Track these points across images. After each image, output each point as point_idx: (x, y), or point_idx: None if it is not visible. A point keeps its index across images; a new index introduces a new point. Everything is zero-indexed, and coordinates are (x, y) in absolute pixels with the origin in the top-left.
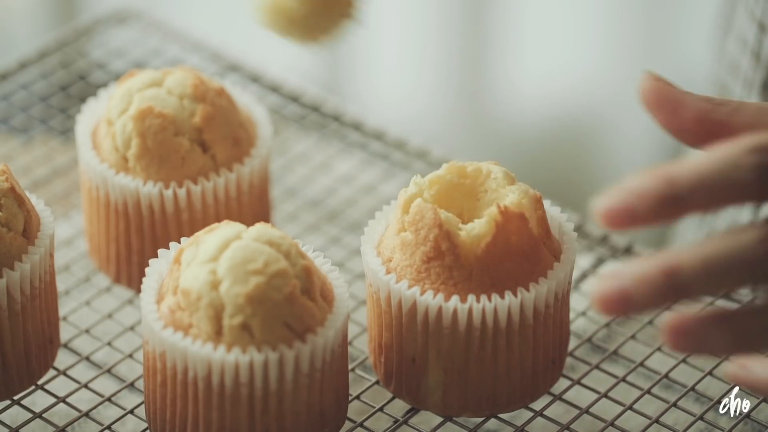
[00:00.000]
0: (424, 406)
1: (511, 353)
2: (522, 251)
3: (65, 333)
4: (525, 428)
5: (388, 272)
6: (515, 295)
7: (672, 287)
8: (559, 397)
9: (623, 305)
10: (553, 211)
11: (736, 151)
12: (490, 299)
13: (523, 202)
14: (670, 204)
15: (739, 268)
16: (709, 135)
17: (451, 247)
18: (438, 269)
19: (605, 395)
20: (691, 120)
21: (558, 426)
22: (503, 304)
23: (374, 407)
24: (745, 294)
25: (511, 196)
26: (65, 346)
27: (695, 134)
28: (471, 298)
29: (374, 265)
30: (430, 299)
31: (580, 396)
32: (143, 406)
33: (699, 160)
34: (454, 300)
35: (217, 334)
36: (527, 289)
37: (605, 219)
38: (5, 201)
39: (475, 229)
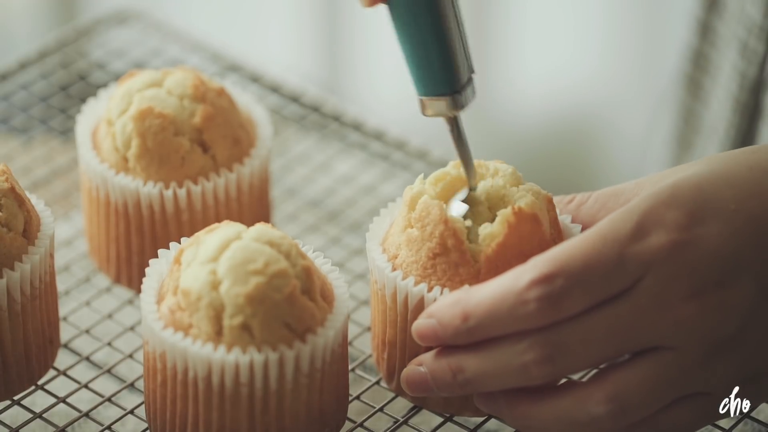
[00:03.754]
0: (425, 405)
1: None
2: (533, 253)
3: (65, 333)
4: None
5: (393, 269)
6: None
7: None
8: None
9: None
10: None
11: (520, 286)
12: None
13: (538, 204)
14: (466, 334)
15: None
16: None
17: (457, 243)
18: (444, 266)
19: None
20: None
21: None
22: None
23: (374, 407)
24: None
25: (527, 197)
26: (65, 346)
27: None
28: None
29: (380, 261)
30: (438, 296)
31: None
32: (143, 406)
33: (490, 295)
34: None
35: (217, 334)
36: None
37: (418, 338)
38: (5, 201)
39: (488, 229)
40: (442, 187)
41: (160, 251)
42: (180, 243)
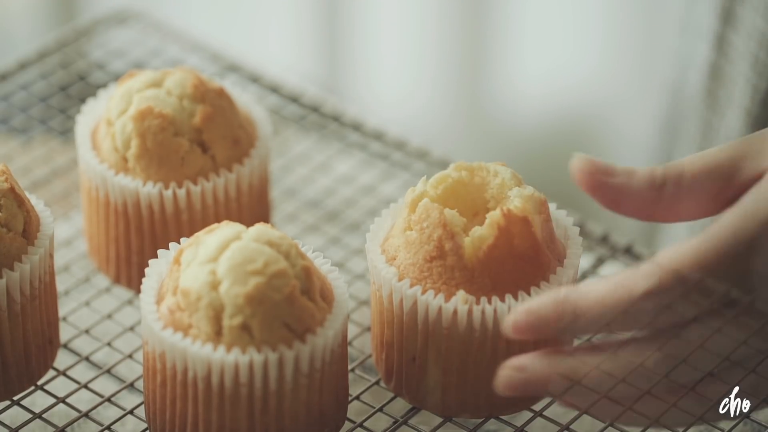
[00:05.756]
0: (423, 406)
1: (510, 356)
2: (524, 255)
3: (65, 333)
4: (525, 428)
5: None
6: (515, 298)
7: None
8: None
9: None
10: (558, 214)
11: (634, 296)
12: (490, 302)
13: (528, 206)
14: (571, 333)
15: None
16: (653, 217)
17: (455, 247)
18: (440, 269)
19: (605, 395)
20: (634, 212)
21: (558, 426)
22: (503, 307)
23: (374, 407)
24: None
25: (516, 200)
26: (65, 346)
27: (641, 216)
28: (471, 299)
29: (378, 262)
30: (431, 299)
31: None
32: (143, 406)
33: (603, 298)
34: (454, 300)
35: (217, 334)
36: (528, 293)
37: (513, 332)
38: (5, 201)
39: (478, 232)
40: (443, 190)
41: (159, 251)
42: (180, 243)
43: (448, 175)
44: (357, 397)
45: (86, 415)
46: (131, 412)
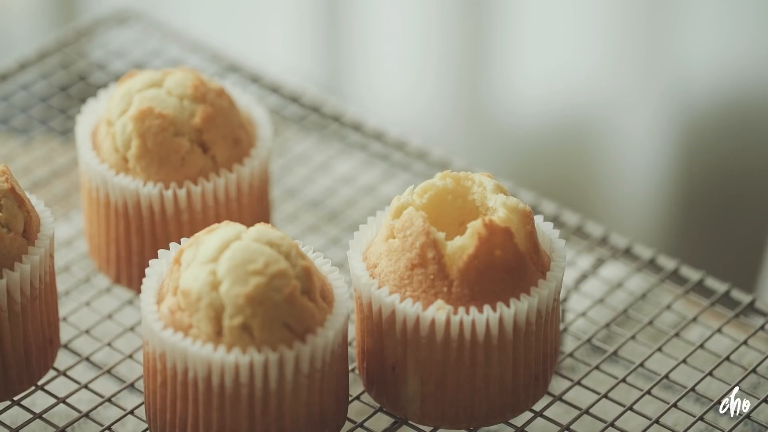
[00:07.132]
0: (403, 415)
1: (489, 367)
2: (506, 266)
3: (65, 333)
4: (525, 428)
5: (372, 278)
6: (494, 309)
7: None
8: (559, 398)
9: None
10: (545, 226)
11: None
12: (468, 312)
13: (512, 217)
14: None
15: None
16: None
17: (437, 256)
18: (420, 277)
19: (605, 396)
20: None
21: (558, 426)
22: (481, 317)
23: (374, 407)
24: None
25: (500, 210)
26: (65, 346)
27: None
28: (449, 309)
29: (358, 270)
30: (409, 307)
31: (580, 396)
32: (143, 406)
33: None
34: (432, 310)
35: (217, 334)
36: (508, 305)
37: None
38: (5, 201)
39: (459, 241)
40: (428, 198)
41: (160, 251)
42: (180, 243)
43: (434, 184)
44: (357, 397)
45: (86, 415)
46: (131, 412)
